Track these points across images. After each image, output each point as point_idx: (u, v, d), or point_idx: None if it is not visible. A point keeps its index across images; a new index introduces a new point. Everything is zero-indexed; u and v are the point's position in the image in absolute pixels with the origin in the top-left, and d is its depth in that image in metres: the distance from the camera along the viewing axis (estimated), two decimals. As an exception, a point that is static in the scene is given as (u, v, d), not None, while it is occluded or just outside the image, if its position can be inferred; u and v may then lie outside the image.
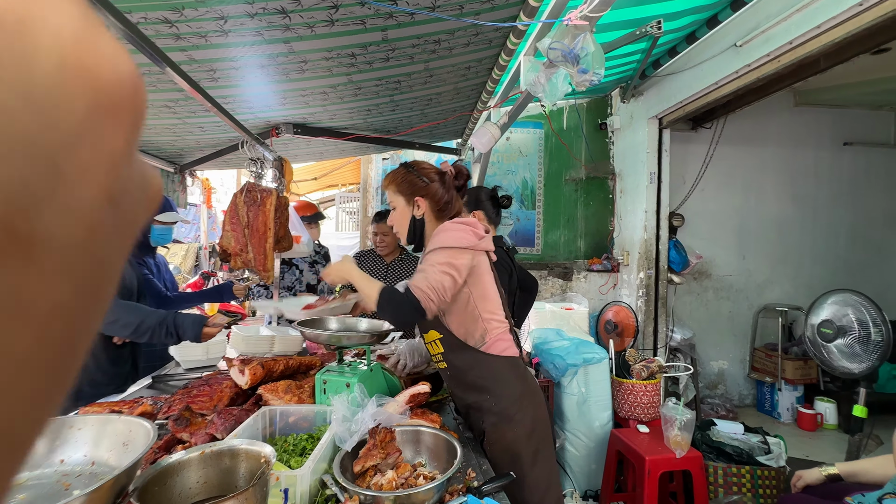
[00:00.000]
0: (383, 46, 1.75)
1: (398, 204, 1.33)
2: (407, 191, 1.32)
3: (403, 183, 1.32)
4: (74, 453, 0.55)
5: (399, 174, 1.34)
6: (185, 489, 0.73)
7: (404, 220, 1.33)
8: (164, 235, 2.26)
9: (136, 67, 0.15)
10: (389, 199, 1.35)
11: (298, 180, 6.06)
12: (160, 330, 1.61)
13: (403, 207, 1.32)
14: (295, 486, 0.84)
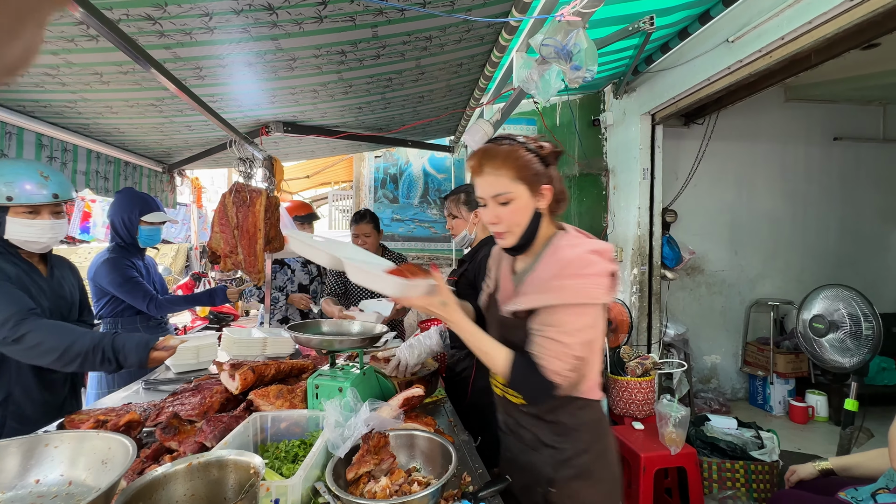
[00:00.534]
0: (374, 43, 1.72)
1: (517, 195, 0.97)
2: (532, 177, 0.97)
3: (528, 166, 0.97)
4: (50, 473, 0.52)
5: (519, 153, 0.97)
6: (171, 503, 0.71)
7: (524, 217, 0.98)
8: (152, 236, 2.22)
9: None
10: (499, 188, 0.97)
11: (290, 178, 6.00)
12: (94, 356, 1.34)
13: (527, 199, 0.98)
14: (286, 496, 0.82)
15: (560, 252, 0.98)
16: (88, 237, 5.71)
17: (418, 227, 4.41)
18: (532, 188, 0.98)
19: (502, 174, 0.97)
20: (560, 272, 0.94)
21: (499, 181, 0.98)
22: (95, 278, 2.08)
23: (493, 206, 1.00)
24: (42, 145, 2.17)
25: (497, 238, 1.03)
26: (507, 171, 0.97)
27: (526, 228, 1.00)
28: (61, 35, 1.38)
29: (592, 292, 0.92)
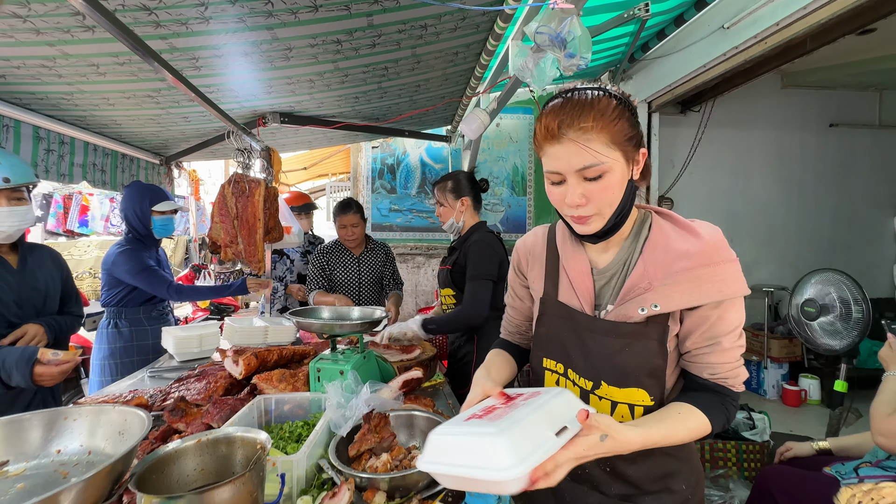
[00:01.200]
0: (369, 32, 1.72)
1: (612, 164, 0.72)
2: (628, 140, 0.73)
3: (624, 126, 0.72)
4: (70, 443, 0.55)
5: (612, 108, 0.72)
6: (182, 476, 0.74)
7: (619, 192, 0.74)
8: (166, 226, 2.24)
9: None
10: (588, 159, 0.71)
11: (288, 170, 6.00)
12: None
13: (623, 170, 0.73)
14: (291, 471, 0.86)
15: (686, 233, 0.76)
16: (87, 230, 5.71)
17: (416, 218, 4.43)
18: (627, 154, 0.74)
19: (593, 138, 0.70)
20: (708, 258, 0.72)
21: (587, 149, 0.70)
22: (112, 269, 2.10)
23: (577, 182, 0.72)
24: (39, 138, 2.18)
25: (577, 223, 0.77)
26: (600, 133, 0.70)
27: (618, 207, 0.75)
28: (57, 26, 1.38)
29: (743, 280, 0.73)
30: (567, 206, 0.75)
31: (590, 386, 0.83)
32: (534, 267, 0.94)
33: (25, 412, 0.54)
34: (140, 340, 2.16)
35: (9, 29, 1.37)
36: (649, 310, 0.74)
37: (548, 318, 0.89)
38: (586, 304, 0.83)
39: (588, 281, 0.83)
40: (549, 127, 0.73)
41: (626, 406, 0.79)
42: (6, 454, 0.53)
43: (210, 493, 0.63)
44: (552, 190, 0.78)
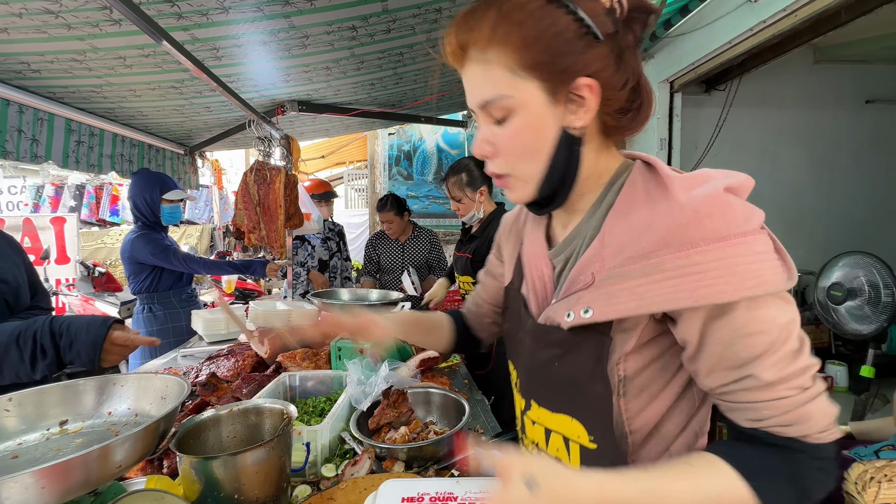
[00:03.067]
0: (384, 18, 1.73)
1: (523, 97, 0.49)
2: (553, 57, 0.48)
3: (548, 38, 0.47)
4: (119, 406, 0.61)
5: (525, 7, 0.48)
6: (217, 442, 0.81)
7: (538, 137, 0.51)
8: (174, 214, 2.33)
9: None
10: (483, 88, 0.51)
11: (306, 159, 6.08)
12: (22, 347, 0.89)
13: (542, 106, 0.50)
14: (316, 440, 0.91)
15: (657, 196, 0.49)
16: (118, 219, 5.95)
17: (433, 204, 4.45)
18: (555, 85, 0.49)
19: (492, 58, 0.49)
20: (676, 236, 0.45)
21: (488, 73, 0.50)
22: (132, 255, 2.21)
23: (485, 122, 0.53)
24: (71, 130, 2.28)
25: (500, 185, 0.57)
26: (502, 50, 0.48)
27: (548, 167, 0.52)
28: (87, 21, 1.44)
29: (764, 271, 0.44)
30: (477, 155, 0.55)
31: (522, 405, 0.65)
32: (508, 245, 0.72)
33: (80, 378, 0.61)
34: (174, 322, 2.28)
35: (42, 25, 1.43)
36: (577, 316, 0.50)
37: (509, 314, 0.70)
38: (538, 297, 0.60)
39: (542, 265, 0.60)
40: (449, 46, 0.52)
41: (560, 438, 0.58)
42: (65, 414, 0.59)
43: (243, 455, 0.69)
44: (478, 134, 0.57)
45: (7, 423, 0.56)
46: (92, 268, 4.10)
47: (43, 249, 4.20)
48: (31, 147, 2.02)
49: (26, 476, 0.38)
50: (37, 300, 1.35)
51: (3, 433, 0.56)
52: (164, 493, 0.58)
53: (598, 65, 0.48)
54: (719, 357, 0.46)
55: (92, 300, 3.69)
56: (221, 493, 0.69)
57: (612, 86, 0.49)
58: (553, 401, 0.58)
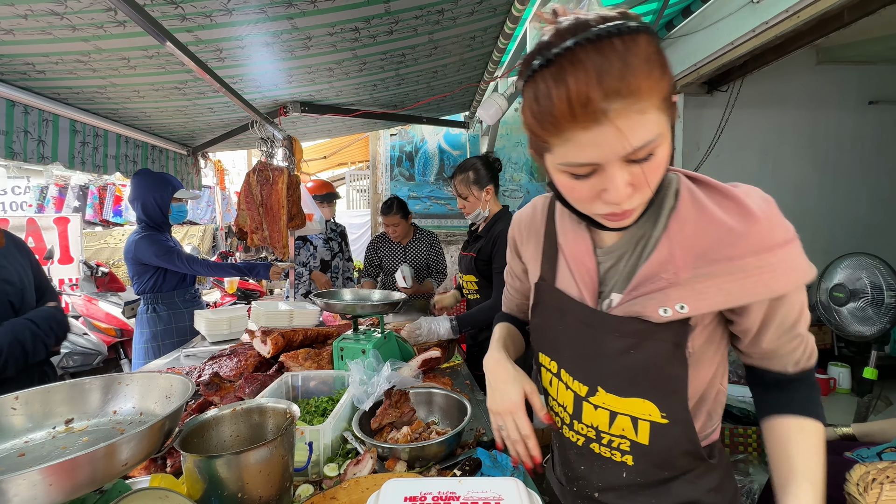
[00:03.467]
0: (386, 19, 1.73)
1: (664, 132, 0.51)
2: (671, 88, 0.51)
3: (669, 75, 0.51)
4: (125, 405, 0.62)
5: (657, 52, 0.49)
6: (220, 441, 0.81)
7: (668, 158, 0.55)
8: (181, 212, 2.35)
9: None
10: (644, 135, 0.49)
11: (308, 159, 6.10)
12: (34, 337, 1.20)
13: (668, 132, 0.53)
14: (318, 440, 0.92)
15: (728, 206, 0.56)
16: (121, 220, 5.98)
17: (434, 205, 4.46)
18: (672, 112, 0.52)
19: (646, 106, 0.48)
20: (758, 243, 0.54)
21: (644, 121, 0.48)
22: (136, 255, 2.21)
23: (621, 168, 0.51)
24: (76, 131, 2.29)
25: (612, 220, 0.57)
26: (652, 94, 0.48)
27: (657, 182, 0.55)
28: (91, 22, 1.45)
29: (806, 264, 0.57)
30: (607, 202, 0.53)
31: (584, 391, 0.68)
32: (529, 245, 0.77)
33: (85, 377, 0.61)
34: (178, 322, 2.29)
35: (48, 26, 1.44)
36: (674, 312, 0.57)
37: (542, 308, 0.74)
38: (587, 293, 0.66)
39: (590, 262, 0.66)
40: (582, 101, 0.46)
41: (628, 418, 0.64)
42: (71, 413, 0.60)
43: (246, 455, 0.69)
44: (574, 186, 0.54)
45: (14, 421, 0.56)
46: (95, 268, 4.12)
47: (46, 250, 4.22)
48: (37, 148, 2.04)
49: (34, 473, 0.39)
50: (45, 300, 1.39)
51: (10, 431, 0.56)
52: (168, 492, 0.59)
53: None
54: (777, 326, 0.60)
55: (95, 300, 3.71)
56: (225, 491, 0.69)
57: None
58: (625, 386, 0.64)
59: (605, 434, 0.68)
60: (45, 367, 1.39)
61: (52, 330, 1.30)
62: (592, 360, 0.66)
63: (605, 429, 0.67)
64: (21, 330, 1.22)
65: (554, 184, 0.58)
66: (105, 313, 3.63)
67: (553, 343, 0.73)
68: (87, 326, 3.57)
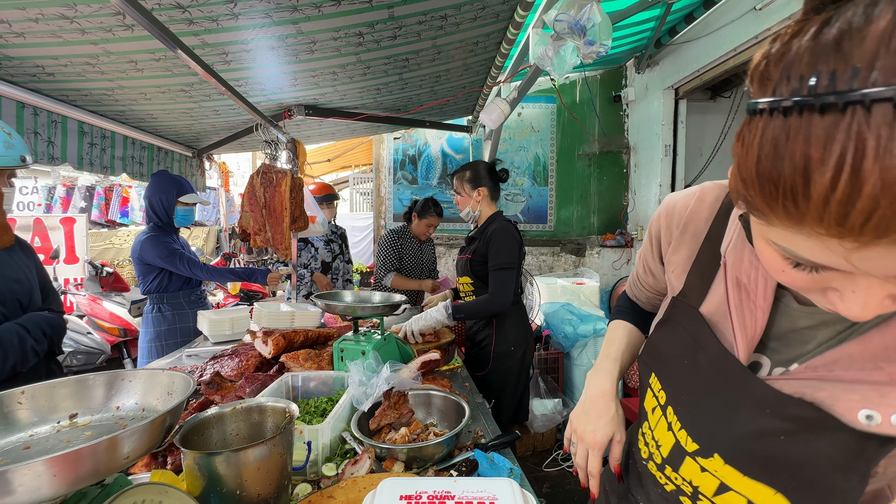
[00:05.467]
0: (390, 24, 1.75)
1: None
2: None
3: None
4: (127, 401, 0.63)
5: None
6: (220, 439, 0.82)
7: None
8: (187, 216, 2.37)
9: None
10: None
11: (312, 162, 6.14)
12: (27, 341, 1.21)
13: None
14: (317, 439, 0.93)
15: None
16: (127, 220, 6.03)
17: (437, 208, 4.47)
18: None
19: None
20: None
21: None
22: (141, 255, 2.25)
23: (885, 282, 0.33)
24: (84, 132, 2.33)
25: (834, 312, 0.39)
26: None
27: None
28: (100, 25, 1.48)
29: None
30: (834, 307, 0.37)
31: (693, 448, 0.53)
32: (681, 247, 0.58)
33: (90, 373, 0.63)
34: (182, 323, 2.32)
35: (58, 30, 1.47)
36: (885, 422, 0.40)
37: (670, 329, 0.58)
38: (741, 342, 0.49)
39: (763, 304, 0.48)
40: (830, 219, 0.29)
41: (745, 501, 0.48)
42: (75, 408, 0.61)
43: (245, 452, 0.70)
44: (786, 269, 0.37)
45: (20, 415, 0.58)
46: (100, 268, 4.15)
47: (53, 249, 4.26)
48: (47, 149, 2.07)
49: (39, 464, 0.40)
50: (48, 303, 1.42)
51: (17, 425, 0.57)
52: (168, 487, 0.60)
53: None
54: None
55: (99, 300, 3.74)
56: (224, 488, 0.70)
57: None
58: (757, 468, 0.47)
59: (703, 498, 0.52)
60: (52, 365, 1.41)
61: (44, 335, 1.30)
62: (718, 422, 0.50)
63: (707, 494, 0.52)
64: (9, 336, 1.22)
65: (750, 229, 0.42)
66: (109, 313, 3.66)
67: (670, 375, 0.57)
68: (91, 326, 3.60)
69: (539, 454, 2.76)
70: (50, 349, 1.37)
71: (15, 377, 1.24)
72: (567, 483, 2.48)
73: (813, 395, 0.43)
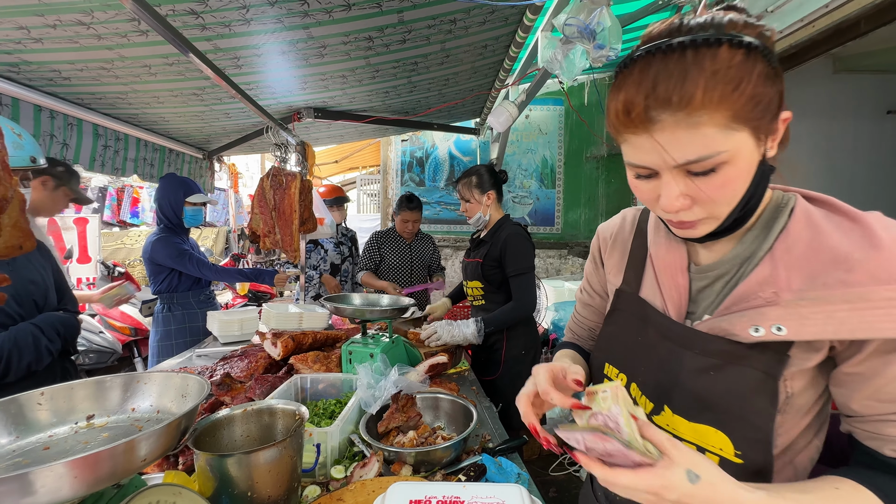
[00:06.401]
0: (399, 28, 1.77)
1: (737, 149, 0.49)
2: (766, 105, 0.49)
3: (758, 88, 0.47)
4: (143, 403, 0.64)
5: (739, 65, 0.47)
6: (231, 440, 0.83)
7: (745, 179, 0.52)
8: (195, 216, 2.40)
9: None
10: (699, 149, 0.48)
11: (320, 163, 6.18)
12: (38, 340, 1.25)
13: (752, 150, 0.50)
14: (326, 442, 0.93)
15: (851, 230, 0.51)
16: (138, 221, 6.11)
17: (444, 210, 4.48)
18: (761, 128, 0.49)
19: (704, 120, 0.47)
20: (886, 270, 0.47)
21: (697, 135, 0.47)
22: (152, 256, 2.28)
23: (677, 178, 0.51)
24: (98, 135, 2.36)
25: (677, 227, 0.56)
26: (717, 109, 0.46)
27: (742, 200, 0.53)
28: (116, 31, 1.51)
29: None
30: (662, 209, 0.54)
31: (649, 409, 0.63)
32: (614, 254, 0.75)
33: (106, 375, 0.64)
34: (192, 322, 2.35)
35: (75, 35, 1.50)
36: (767, 332, 0.51)
37: (619, 315, 0.71)
38: (672, 308, 0.62)
39: (681, 279, 0.62)
40: (628, 108, 0.49)
41: (694, 448, 0.55)
42: (92, 409, 0.62)
43: (256, 454, 0.71)
44: (637, 185, 0.55)
45: (40, 416, 0.59)
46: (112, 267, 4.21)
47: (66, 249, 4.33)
48: (61, 151, 2.11)
49: (60, 466, 0.41)
50: (64, 303, 1.45)
51: (36, 425, 0.59)
52: (181, 488, 0.61)
53: (782, 98, 0.51)
54: (878, 388, 0.49)
55: (111, 299, 3.79)
56: (235, 490, 0.71)
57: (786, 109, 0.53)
58: (696, 410, 0.57)
59: None
60: (67, 364, 1.44)
61: (58, 335, 1.34)
62: (665, 376, 0.61)
63: None
64: (24, 335, 1.25)
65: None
66: (120, 312, 3.72)
67: (625, 354, 0.68)
68: (103, 325, 3.65)
69: (545, 458, 2.74)
70: (64, 348, 1.39)
71: (30, 376, 1.27)
72: (573, 487, 2.47)
73: (721, 328, 0.56)
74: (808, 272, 0.51)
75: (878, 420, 0.50)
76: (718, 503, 0.45)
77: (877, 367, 0.49)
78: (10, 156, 1.24)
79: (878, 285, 0.47)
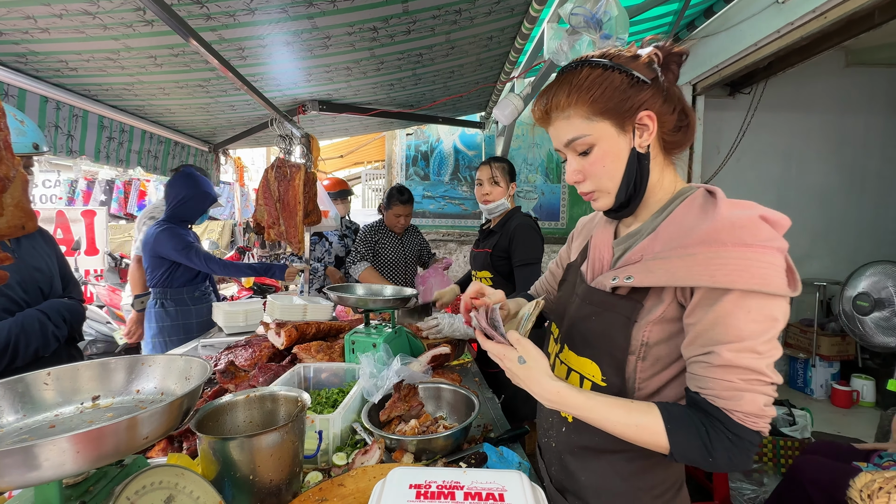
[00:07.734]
0: (404, 19, 1.75)
1: (599, 134, 0.68)
2: (619, 105, 0.67)
3: (608, 93, 0.67)
4: (147, 385, 0.65)
5: (593, 78, 0.67)
6: (234, 425, 0.84)
7: (615, 160, 0.70)
8: (204, 217, 2.40)
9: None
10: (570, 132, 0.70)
11: (325, 158, 6.18)
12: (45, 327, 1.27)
13: (613, 138, 0.68)
14: (328, 429, 0.94)
15: (708, 210, 0.63)
16: (144, 214, 6.16)
17: (449, 204, 4.47)
18: (621, 122, 0.67)
19: (571, 114, 0.69)
20: (711, 236, 0.59)
21: (570, 124, 0.70)
22: (155, 247, 2.21)
23: (573, 157, 0.73)
24: (103, 126, 2.38)
25: (587, 200, 0.76)
26: (577, 107, 0.68)
27: (624, 179, 0.70)
28: (122, 21, 1.51)
29: (771, 276, 0.55)
30: (567, 182, 0.77)
31: (557, 349, 0.83)
32: (579, 238, 0.94)
33: (111, 357, 0.65)
34: (185, 319, 2.29)
35: (81, 25, 1.51)
36: (621, 281, 0.68)
37: (564, 284, 0.90)
38: (589, 272, 0.80)
39: (605, 251, 0.78)
40: (537, 113, 0.75)
41: (577, 376, 0.76)
42: (97, 390, 0.63)
43: (258, 438, 0.71)
44: (567, 167, 0.77)
45: (46, 395, 0.60)
46: (119, 259, 4.26)
47: (74, 241, 4.38)
48: (66, 142, 2.12)
49: (63, 440, 0.42)
50: (68, 291, 1.46)
51: (43, 405, 0.60)
52: (184, 469, 0.61)
53: (650, 100, 0.68)
54: (698, 334, 0.61)
55: (118, 290, 3.83)
56: (238, 473, 0.71)
57: (665, 112, 0.69)
58: (582, 346, 0.76)
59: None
60: (73, 351, 1.45)
61: (64, 321, 1.35)
62: (570, 323, 0.80)
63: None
64: (31, 321, 1.27)
65: None
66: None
67: (562, 313, 0.85)
68: (110, 315, 3.69)
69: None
70: (70, 335, 1.41)
71: (37, 362, 1.28)
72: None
73: (600, 282, 0.74)
74: (666, 241, 0.66)
75: (693, 361, 0.62)
76: (532, 380, 0.65)
77: (700, 315, 0.60)
78: (13, 142, 1.28)
79: (704, 245, 0.60)
